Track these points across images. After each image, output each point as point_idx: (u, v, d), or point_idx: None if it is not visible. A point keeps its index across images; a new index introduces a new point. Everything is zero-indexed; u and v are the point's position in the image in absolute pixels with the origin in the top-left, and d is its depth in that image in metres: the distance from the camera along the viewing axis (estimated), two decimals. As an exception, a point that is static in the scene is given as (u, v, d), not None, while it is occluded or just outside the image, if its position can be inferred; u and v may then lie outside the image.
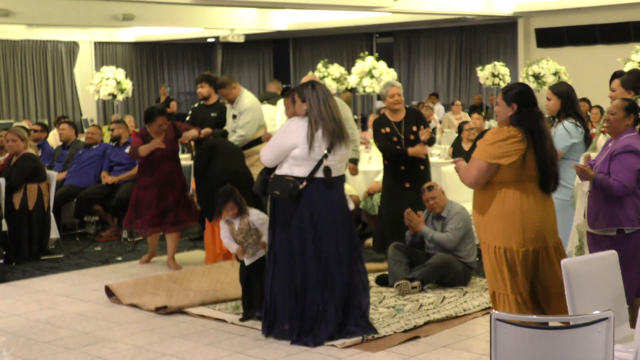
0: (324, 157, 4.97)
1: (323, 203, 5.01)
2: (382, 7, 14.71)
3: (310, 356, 4.83)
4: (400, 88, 7.09)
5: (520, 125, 4.31)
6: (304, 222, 4.99)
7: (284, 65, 23.26)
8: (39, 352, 5.03)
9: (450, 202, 6.50)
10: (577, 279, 3.68)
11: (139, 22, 17.07)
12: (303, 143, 4.93)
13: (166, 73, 23.20)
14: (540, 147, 4.31)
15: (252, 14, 17.94)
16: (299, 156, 4.95)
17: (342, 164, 5.14)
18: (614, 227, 4.61)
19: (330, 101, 5.01)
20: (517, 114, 4.33)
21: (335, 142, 4.97)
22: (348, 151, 5.12)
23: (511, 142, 4.26)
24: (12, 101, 20.11)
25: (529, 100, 4.37)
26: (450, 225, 6.34)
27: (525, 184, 4.32)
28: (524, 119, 4.31)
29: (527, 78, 12.79)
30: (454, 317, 5.52)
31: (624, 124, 4.71)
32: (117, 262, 7.58)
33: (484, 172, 4.32)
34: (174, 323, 5.56)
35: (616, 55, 11.77)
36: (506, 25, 18.90)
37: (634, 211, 4.58)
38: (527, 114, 4.32)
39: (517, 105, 4.34)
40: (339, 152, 5.02)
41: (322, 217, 5.01)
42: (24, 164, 7.68)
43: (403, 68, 20.95)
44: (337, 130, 4.97)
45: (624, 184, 4.53)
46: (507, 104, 4.37)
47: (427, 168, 7.12)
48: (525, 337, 2.99)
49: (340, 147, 5.03)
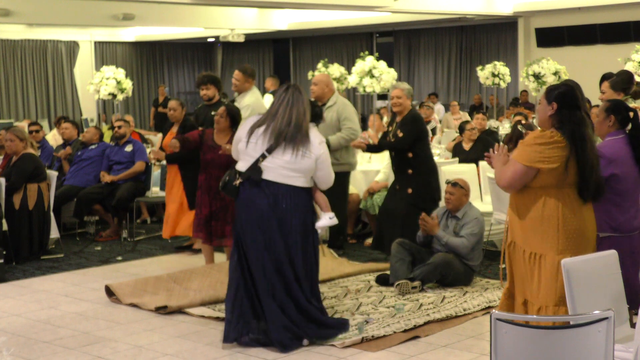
0: (262, 156, 4.88)
1: (251, 204, 4.92)
2: (382, 7, 14.71)
3: (310, 355, 4.83)
4: (402, 90, 7.04)
5: (562, 129, 4.08)
6: (236, 219, 5.04)
7: (284, 64, 23.27)
8: (39, 351, 5.03)
9: (469, 205, 6.46)
10: (577, 279, 3.68)
11: (139, 21, 17.07)
12: (244, 136, 4.97)
13: (166, 73, 23.20)
14: (582, 153, 4.05)
15: (252, 13, 17.95)
16: (241, 149, 5.00)
17: (289, 171, 4.89)
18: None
19: (296, 107, 4.86)
20: (557, 114, 4.10)
21: (278, 146, 4.85)
22: (302, 162, 4.87)
23: (553, 147, 4.04)
24: (12, 101, 20.12)
25: (571, 102, 4.11)
26: (465, 230, 6.31)
27: (565, 190, 4.11)
28: (565, 120, 4.08)
29: (527, 78, 12.79)
30: (454, 316, 5.52)
31: (605, 126, 4.70)
32: (117, 262, 7.58)
33: (520, 175, 4.07)
34: (174, 323, 5.56)
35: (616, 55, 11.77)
36: (506, 25, 18.91)
37: (605, 217, 4.53)
38: (569, 116, 4.08)
39: (557, 105, 4.12)
40: (282, 158, 4.87)
41: (248, 218, 4.92)
42: (24, 164, 7.68)
43: (403, 68, 20.96)
44: (287, 135, 4.82)
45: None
46: (548, 103, 4.15)
47: (417, 173, 6.96)
48: (526, 337, 2.99)
49: (286, 154, 4.85)
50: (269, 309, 4.91)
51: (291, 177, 4.92)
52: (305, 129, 4.90)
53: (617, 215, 4.59)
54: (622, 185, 4.60)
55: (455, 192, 6.41)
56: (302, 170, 4.93)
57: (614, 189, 4.55)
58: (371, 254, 7.63)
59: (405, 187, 6.97)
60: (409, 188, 6.95)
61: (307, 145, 4.88)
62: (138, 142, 9.12)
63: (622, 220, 4.60)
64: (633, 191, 4.67)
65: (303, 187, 4.98)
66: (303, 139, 4.87)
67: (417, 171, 6.98)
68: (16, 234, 7.51)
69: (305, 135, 4.89)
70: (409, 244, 6.42)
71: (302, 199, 4.97)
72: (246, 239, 4.97)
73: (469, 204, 6.48)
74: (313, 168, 4.94)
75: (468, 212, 6.42)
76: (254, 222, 4.94)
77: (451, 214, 6.48)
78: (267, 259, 4.94)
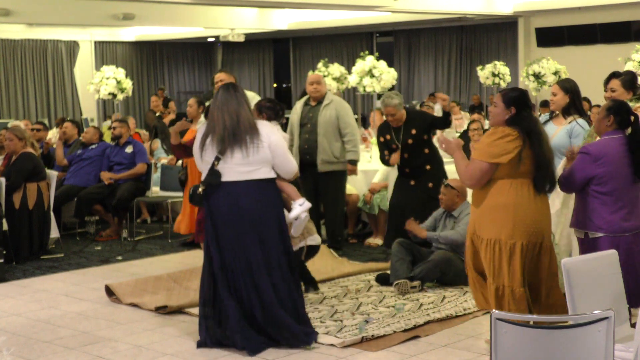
0: (216, 159, 4.87)
1: (214, 209, 4.90)
2: (382, 7, 14.71)
3: (310, 355, 4.83)
4: (393, 107, 7.01)
5: (516, 126, 4.44)
6: (207, 225, 4.97)
7: (284, 64, 23.27)
8: (39, 351, 5.03)
9: (467, 203, 6.47)
10: (578, 279, 3.68)
11: (139, 21, 17.07)
12: (198, 150, 4.95)
13: (166, 72, 23.19)
14: (537, 146, 4.42)
15: (252, 13, 17.95)
16: (200, 162, 5.00)
17: (245, 166, 4.85)
18: (581, 230, 4.73)
19: (227, 107, 4.84)
20: (515, 116, 4.47)
21: (226, 148, 4.83)
22: (257, 154, 4.83)
23: (508, 140, 4.40)
24: (12, 100, 20.11)
25: (527, 105, 4.53)
26: (461, 225, 6.35)
27: (520, 179, 4.44)
28: (521, 120, 4.46)
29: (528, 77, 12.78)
30: (454, 316, 5.52)
31: (603, 124, 4.77)
32: (118, 262, 7.58)
33: (486, 172, 4.45)
34: (174, 323, 5.56)
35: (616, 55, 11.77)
36: (506, 25, 18.90)
37: (599, 217, 4.63)
38: (525, 117, 4.48)
39: (515, 109, 4.48)
40: (234, 157, 4.84)
41: (220, 222, 4.89)
42: (23, 164, 7.68)
43: (403, 67, 20.95)
44: (228, 135, 4.81)
45: (562, 180, 4.71)
46: (506, 107, 4.49)
47: (436, 167, 7.10)
48: (526, 337, 2.99)
49: (235, 152, 4.83)
50: (233, 313, 4.87)
51: (249, 171, 4.89)
52: (245, 122, 4.85)
53: (604, 214, 4.66)
54: (610, 185, 4.64)
55: (447, 193, 6.46)
56: (259, 162, 4.88)
57: (600, 187, 4.66)
58: (371, 253, 7.63)
59: (425, 182, 7.02)
60: (430, 182, 7.00)
61: (256, 136, 4.85)
62: (139, 143, 9.12)
63: (609, 219, 4.62)
64: (624, 192, 4.69)
65: (267, 178, 4.94)
66: (248, 133, 4.84)
67: (434, 166, 7.10)
68: (16, 234, 7.51)
69: (249, 128, 4.86)
70: (409, 243, 6.42)
71: (267, 192, 4.94)
72: (213, 243, 4.93)
73: (466, 203, 6.50)
74: (269, 157, 4.91)
75: (464, 209, 6.44)
76: (219, 226, 4.91)
77: (448, 214, 6.50)
78: (234, 261, 4.89)
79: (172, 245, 8.26)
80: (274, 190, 5.01)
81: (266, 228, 4.92)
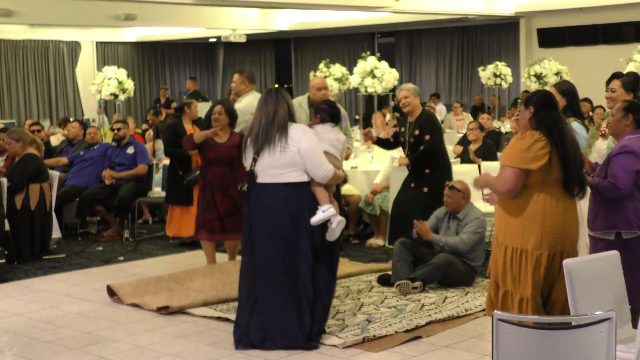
0: (253, 160, 5.00)
1: (256, 207, 5.02)
2: (383, 7, 14.71)
3: (311, 356, 4.83)
4: (408, 90, 7.10)
5: (539, 128, 4.33)
6: (246, 225, 5.10)
7: (285, 65, 23.28)
8: (41, 351, 5.03)
9: (471, 205, 6.48)
10: (579, 279, 3.68)
11: (140, 22, 17.08)
12: (243, 150, 5.13)
13: (168, 73, 23.21)
14: (561, 147, 4.31)
15: (253, 14, 17.96)
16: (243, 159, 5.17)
17: (276, 169, 4.94)
18: (612, 230, 4.57)
19: (265, 108, 5.00)
20: (535, 116, 4.37)
21: (262, 149, 4.95)
22: (283, 157, 4.91)
23: (537, 146, 4.28)
24: (14, 101, 20.13)
25: (547, 103, 4.39)
26: (467, 228, 6.33)
27: (550, 187, 4.32)
28: (541, 120, 4.35)
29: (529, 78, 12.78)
30: (456, 317, 5.52)
31: (622, 125, 4.71)
32: (119, 262, 7.58)
33: (517, 179, 4.30)
34: (176, 323, 5.56)
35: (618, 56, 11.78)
36: (508, 25, 18.90)
37: (634, 215, 4.52)
38: (545, 116, 4.35)
39: (534, 107, 4.38)
40: (268, 159, 4.95)
41: (256, 222, 5.01)
42: (26, 165, 7.69)
43: (405, 68, 20.96)
44: (263, 136, 4.95)
45: (618, 186, 4.50)
46: (526, 107, 4.43)
47: (436, 173, 7.03)
48: (527, 338, 2.98)
49: (269, 154, 4.94)
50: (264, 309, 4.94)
51: (281, 174, 4.97)
52: (280, 121, 4.96)
53: None
54: None
55: (452, 196, 6.44)
56: (287, 165, 4.95)
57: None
58: (372, 254, 7.63)
59: (421, 186, 7.02)
60: (425, 187, 6.99)
61: (285, 140, 4.94)
62: (140, 144, 9.12)
63: None
64: None
65: (298, 182, 4.99)
66: (279, 136, 4.94)
67: (434, 171, 7.05)
68: (18, 234, 7.51)
69: (279, 131, 4.95)
70: (411, 243, 6.41)
71: (296, 196, 4.98)
72: (247, 242, 5.05)
73: (470, 205, 6.49)
74: (298, 161, 4.96)
75: (469, 212, 6.42)
76: (253, 225, 5.02)
77: (452, 215, 6.49)
78: (266, 261, 4.96)
79: (173, 245, 8.27)
80: (305, 194, 5.02)
81: (295, 231, 4.96)
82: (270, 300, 4.96)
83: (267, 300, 4.96)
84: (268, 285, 4.96)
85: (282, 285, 4.94)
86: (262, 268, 4.98)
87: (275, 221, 4.95)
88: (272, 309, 4.95)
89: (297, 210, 4.96)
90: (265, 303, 4.96)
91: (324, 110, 5.65)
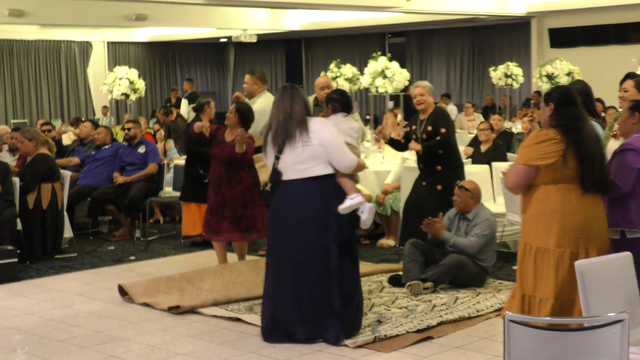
0: (275, 158, 5.01)
1: (276, 206, 5.06)
2: (394, 7, 14.71)
3: (322, 356, 4.83)
4: (424, 87, 7.06)
5: (557, 126, 4.30)
6: (270, 223, 5.16)
7: (296, 65, 23.29)
8: (53, 350, 5.05)
9: (481, 206, 6.44)
10: (591, 281, 3.66)
11: (151, 22, 17.14)
12: (264, 150, 5.13)
13: (179, 73, 23.27)
14: (577, 144, 4.25)
15: (264, 14, 17.98)
16: (267, 162, 5.17)
17: (300, 164, 4.95)
18: (616, 229, 4.54)
19: (282, 104, 5.00)
20: (555, 113, 4.33)
21: (284, 146, 4.96)
22: (306, 152, 4.92)
23: (549, 144, 4.25)
24: (26, 101, 20.23)
25: (567, 100, 4.35)
26: (476, 230, 6.29)
27: (568, 184, 4.29)
28: (560, 117, 4.31)
29: (541, 78, 12.75)
30: (467, 318, 5.50)
31: (629, 124, 4.68)
32: (130, 262, 7.60)
33: (523, 175, 4.31)
34: (187, 322, 5.57)
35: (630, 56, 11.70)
36: (519, 25, 18.85)
37: (636, 214, 4.48)
38: (564, 112, 4.31)
39: (554, 104, 4.35)
40: (290, 155, 4.96)
41: (280, 220, 5.05)
42: (38, 165, 7.72)
43: (415, 68, 20.94)
44: (283, 133, 4.96)
45: (617, 184, 4.47)
46: (546, 104, 4.40)
47: (448, 170, 6.98)
48: (539, 339, 2.97)
49: (291, 150, 4.95)
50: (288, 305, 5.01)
51: (305, 169, 4.97)
52: (297, 116, 4.97)
53: None
54: None
55: (461, 195, 6.41)
56: (310, 159, 4.96)
57: None
58: (383, 254, 7.62)
59: (434, 184, 6.98)
60: (439, 185, 6.96)
61: (306, 134, 4.95)
62: (151, 144, 9.15)
63: None
64: None
65: (324, 174, 5.00)
66: (299, 131, 4.95)
67: (446, 168, 7.01)
68: (30, 234, 7.54)
69: (299, 126, 4.96)
70: (422, 244, 6.39)
71: (325, 189, 5.01)
72: (272, 239, 5.10)
73: (481, 205, 6.46)
74: (321, 154, 4.97)
75: (479, 213, 6.40)
76: (278, 223, 5.06)
77: (462, 216, 6.46)
78: (291, 259, 5.00)
79: (184, 245, 8.28)
80: (332, 186, 5.04)
81: (324, 224, 4.98)
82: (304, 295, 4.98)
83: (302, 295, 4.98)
84: (303, 280, 4.98)
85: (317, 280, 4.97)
86: (291, 264, 4.99)
87: (302, 216, 4.97)
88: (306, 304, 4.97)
89: (325, 204, 4.98)
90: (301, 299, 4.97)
91: (335, 100, 5.63)
